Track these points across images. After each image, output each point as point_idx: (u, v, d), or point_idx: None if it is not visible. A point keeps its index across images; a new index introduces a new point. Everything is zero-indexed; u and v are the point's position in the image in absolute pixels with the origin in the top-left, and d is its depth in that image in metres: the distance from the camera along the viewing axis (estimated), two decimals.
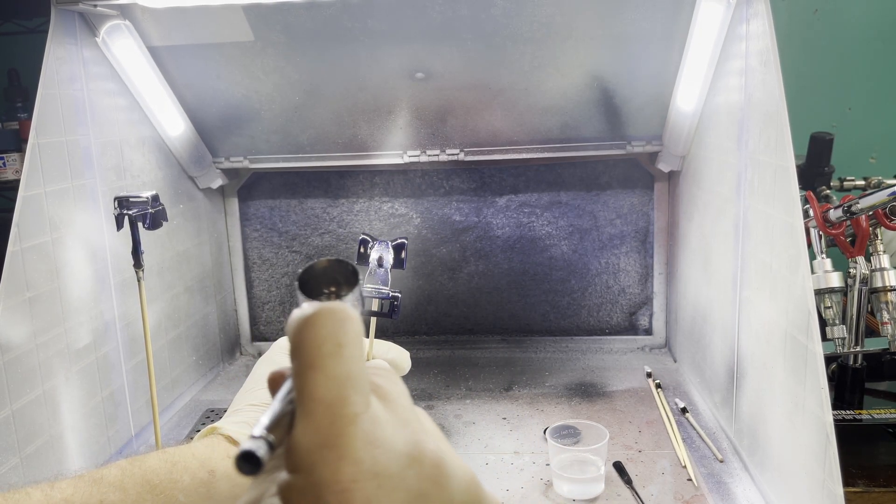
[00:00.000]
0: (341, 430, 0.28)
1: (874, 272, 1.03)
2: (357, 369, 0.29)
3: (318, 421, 0.28)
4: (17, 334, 0.87)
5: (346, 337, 0.29)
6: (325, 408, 0.28)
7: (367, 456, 0.28)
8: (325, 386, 0.28)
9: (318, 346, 0.29)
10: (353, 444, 0.28)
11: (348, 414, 0.28)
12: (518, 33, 1.11)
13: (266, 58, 1.17)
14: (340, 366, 0.29)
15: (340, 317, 0.30)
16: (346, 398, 0.28)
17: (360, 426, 0.28)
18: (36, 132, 0.92)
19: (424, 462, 0.29)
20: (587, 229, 1.49)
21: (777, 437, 0.88)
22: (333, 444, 0.28)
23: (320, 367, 0.29)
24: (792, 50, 1.56)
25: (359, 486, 0.27)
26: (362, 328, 0.31)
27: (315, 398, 0.28)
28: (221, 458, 0.59)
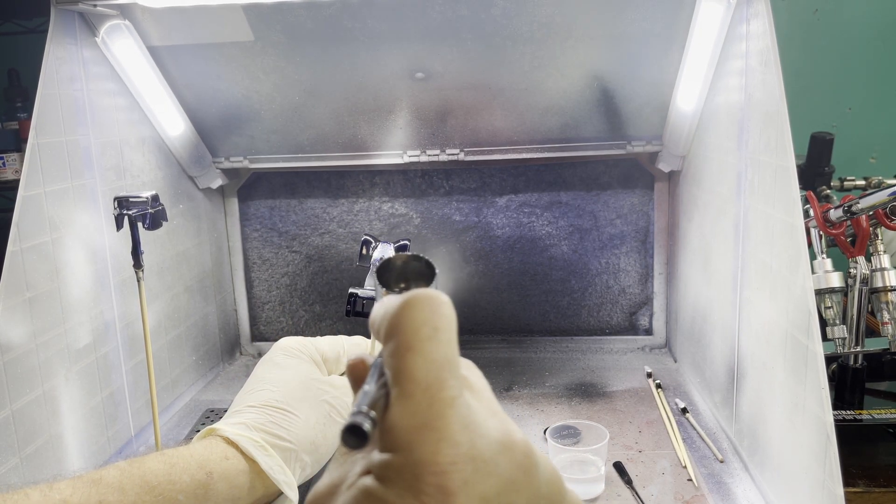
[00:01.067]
0: (440, 412, 0.28)
1: (874, 272, 1.03)
2: (453, 354, 0.30)
3: (417, 402, 0.29)
4: (17, 334, 0.87)
5: (442, 321, 0.31)
6: (424, 390, 0.29)
7: (465, 439, 0.28)
8: (424, 368, 0.29)
9: (417, 330, 0.30)
10: (452, 427, 0.28)
11: (446, 397, 0.29)
12: (518, 33, 1.11)
13: (266, 58, 1.17)
14: (438, 349, 0.30)
15: (437, 302, 0.31)
16: (444, 381, 0.29)
17: (458, 410, 0.29)
18: (36, 132, 0.92)
19: (515, 450, 0.30)
20: (587, 229, 1.49)
21: (777, 438, 0.88)
22: (433, 425, 0.28)
23: (419, 349, 0.29)
24: (792, 50, 1.56)
25: (457, 468, 0.27)
26: (454, 315, 0.32)
27: (414, 380, 0.29)
28: (219, 460, 0.59)
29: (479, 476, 0.28)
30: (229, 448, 0.61)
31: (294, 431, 0.67)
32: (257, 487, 0.63)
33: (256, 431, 0.64)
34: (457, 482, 0.27)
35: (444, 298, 0.32)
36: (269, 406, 0.67)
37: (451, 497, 0.27)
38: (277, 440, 0.65)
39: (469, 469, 0.28)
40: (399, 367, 0.29)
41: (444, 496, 0.27)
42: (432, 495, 0.27)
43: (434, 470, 0.27)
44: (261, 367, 0.75)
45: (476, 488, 0.27)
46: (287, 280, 1.55)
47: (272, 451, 0.64)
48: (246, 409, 0.67)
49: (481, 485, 0.28)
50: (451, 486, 0.27)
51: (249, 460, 0.62)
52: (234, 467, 0.60)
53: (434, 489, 0.27)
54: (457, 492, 0.27)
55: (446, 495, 0.27)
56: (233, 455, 0.61)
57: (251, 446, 0.62)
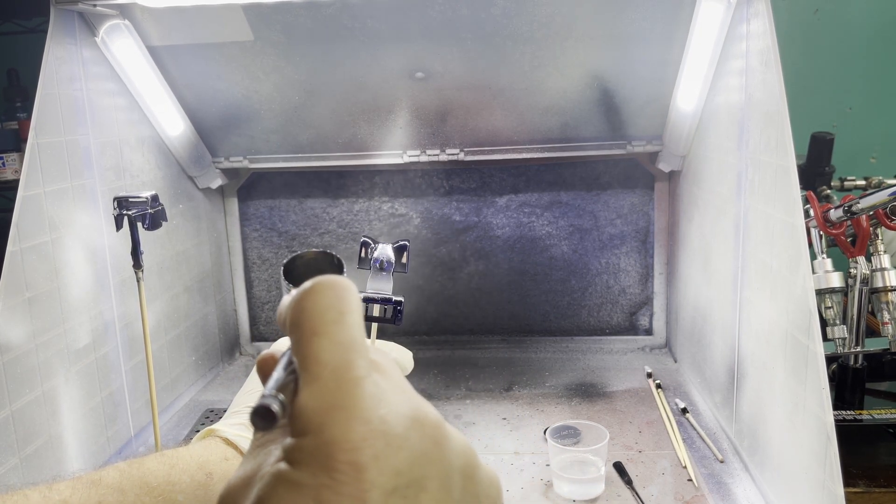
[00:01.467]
0: (349, 391, 0.29)
1: (875, 272, 1.03)
2: (359, 336, 0.31)
3: (325, 383, 0.29)
4: (17, 334, 0.87)
5: (347, 305, 0.31)
6: (332, 371, 0.29)
7: (375, 415, 0.29)
8: (330, 350, 0.30)
9: (321, 314, 0.30)
10: (362, 405, 0.29)
11: (354, 377, 0.29)
12: (518, 33, 1.11)
13: (266, 57, 1.17)
14: (344, 332, 0.30)
15: (341, 286, 0.31)
16: (352, 362, 0.30)
17: (366, 388, 0.29)
18: (35, 132, 0.92)
19: (426, 423, 0.30)
20: (587, 229, 1.49)
21: (777, 438, 0.88)
22: (342, 404, 0.29)
23: (324, 332, 0.30)
24: (792, 50, 1.56)
25: (368, 443, 0.28)
26: (360, 299, 0.32)
27: (321, 362, 0.29)
28: (218, 461, 0.59)
29: (391, 450, 0.28)
30: (228, 449, 0.61)
31: None
32: None
33: None
34: (368, 457, 0.28)
35: (348, 283, 0.32)
36: None
37: (363, 472, 0.27)
38: None
39: (380, 444, 0.28)
40: (306, 352, 0.30)
41: (357, 472, 0.27)
42: (345, 472, 0.27)
43: (346, 447, 0.28)
44: None
45: (388, 462, 0.28)
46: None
47: None
48: (245, 410, 0.67)
49: (393, 458, 0.28)
50: (363, 461, 0.28)
51: None
52: (233, 468, 0.60)
53: (346, 466, 0.27)
54: (369, 466, 0.28)
55: (359, 471, 0.27)
56: (232, 456, 0.61)
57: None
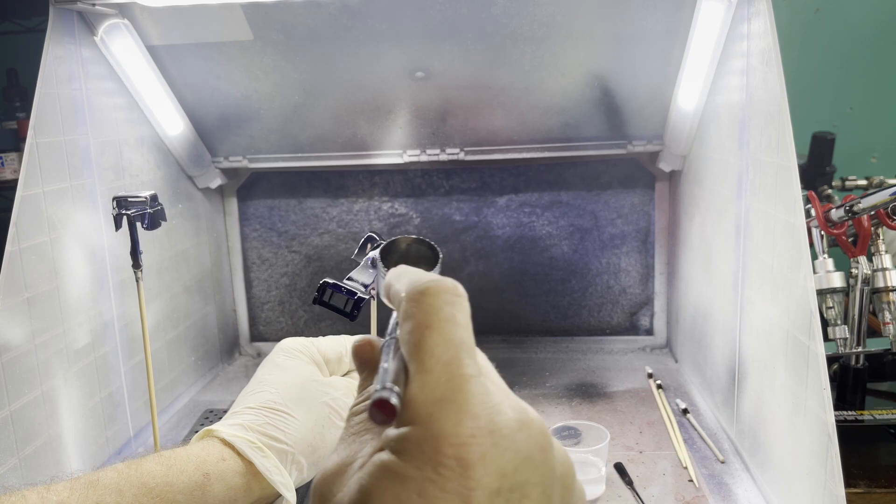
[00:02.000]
0: (460, 386, 0.29)
1: (876, 272, 1.02)
2: (469, 338, 0.31)
3: (436, 377, 0.29)
4: (16, 335, 0.87)
5: (459, 308, 0.32)
6: (444, 365, 0.30)
7: (484, 413, 0.28)
8: (443, 345, 0.30)
9: (437, 311, 0.31)
10: (472, 401, 0.29)
11: (465, 373, 0.30)
12: (518, 32, 1.11)
13: (265, 57, 1.16)
14: (456, 331, 0.31)
15: (457, 292, 0.33)
16: (462, 359, 0.30)
17: (476, 386, 0.29)
18: (34, 132, 0.92)
19: (532, 428, 0.30)
20: (588, 229, 1.48)
21: (778, 438, 0.88)
22: (453, 398, 0.29)
23: (438, 328, 0.31)
24: (793, 49, 1.56)
25: (476, 440, 0.28)
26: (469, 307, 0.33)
27: (434, 355, 0.30)
28: (216, 461, 0.59)
29: (498, 450, 0.28)
30: (226, 449, 0.61)
31: (291, 434, 0.66)
32: (253, 489, 0.63)
33: (253, 433, 0.64)
34: (476, 455, 0.27)
35: (462, 290, 0.33)
36: (267, 408, 0.67)
37: (469, 469, 0.27)
38: (274, 442, 0.65)
39: (488, 442, 0.28)
40: (419, 344, 0.30)
41: (463, 468, 0.27)
42: (451, 467, 0.27)
43: (453, 442, 0.27)
44: (262, 368, 0.75)
45: (494, 462, 0.28)
46: (286, 280, 1.55)
47: (269, 452, 0.64)
48: (244, 411, 0.66)
49: (499, 459, 0.28)
50: (470, 458, 0.27)
51: (246, 461, 0.62)
52: (230, 468, 0.60)
53: (453, 461, 0.27)
54: (475, 464, 0.27)
55: (465, 468, 0.27)
56: (229, 456, 0.60)
57: (247, 447, 0.62)
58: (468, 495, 0.27)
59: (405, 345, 0.31)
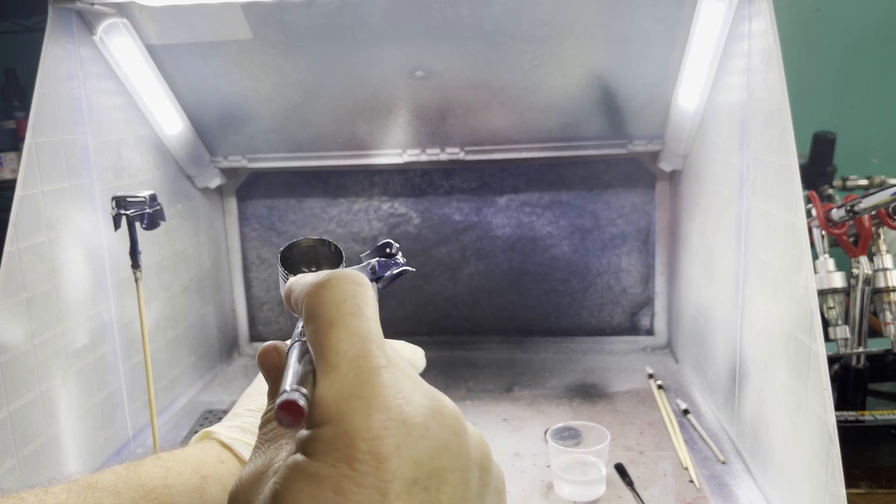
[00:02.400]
0: (368, 380, 0.29)
1: (877, 272, 1.02)
2: (376, 328, 0.31)
3: (344, 373, 0.29)
4: (15, 335, 0.87)
5: (364, 298, 0.31)
6: (350, 361, 0.29)
7: (395, 404, 0.28)
8: (349, 341, 0.30)
9: (339, 306, 0.30)
10: (382, 393, 0.28)
11: (373, 366, 0.29)
12: (519, 32, 1.10)
13: (265, 56, 1.16)
14: (362, 323, 0.30)
15: (357, 280, 0.32)
16: (370, 352, 0.29)
17: (385, 378, 0.29)
18: (33, 131, 0.91)
19: (445, 414, 0.30)
20: (588, 229, 1.48)
21: (779, 439, 0.88)
22: (362, 393, 0.28)
23: (342, 323, 0.30)
24: (794, 48, 1.56)
25: (389, 432, 0.27)
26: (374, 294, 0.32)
27: (339, 352, 0.29)
28: (214, 464, 0.59)
29: (412, 440, 0.28)
30: (224, 451, 0.60)
31: None
32: None
33: (252, 435, 0.64)
34: (390, 446, 0.27)
35: (363, 278, 0.32)
36: None
37: (384, 462, 0.27)
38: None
39: (401, 433, 0.28)
40: (323, 342, 0.30)
41: (378, 461, 0.27)
42: (366, 462, 0.27)
43: (366, 436, 0.27)
44: None
45: (409, 452, 0.27)
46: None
47: None
48: (244, 413, 0.66)
49: (414, 448, 0.28)
50: (384, 450, 0.27)
51: (244, 464, 0.62)
52: (228, 471, 0.59)
53: (367, 455, 0.27)
54: (390, 456, 0.27)
55: (380, 461, 0.27)
56: (227, 459, 0.60)
57: (246, 450, 0.61)
58: (385, 487, 0.27)
59: (311, 344, 0.31)
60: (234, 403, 0.74)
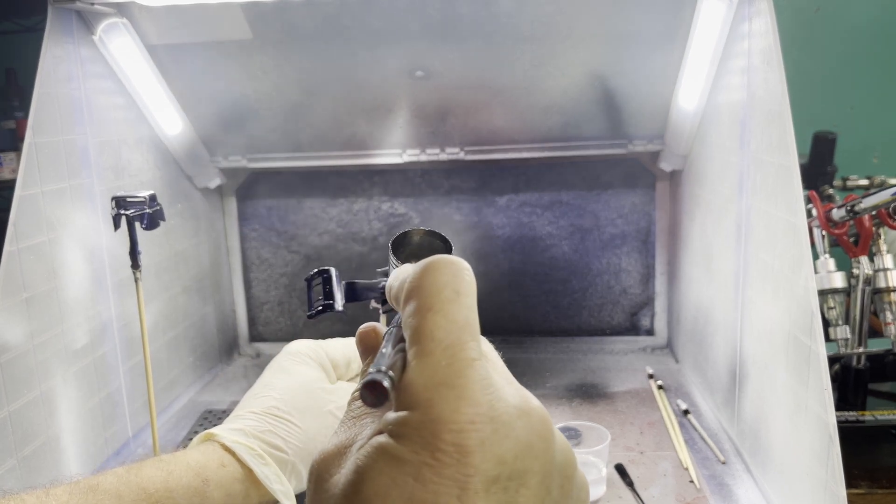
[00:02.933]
0: (460, 370, 0.28)
1: (878, 272, 1.02)
2: (473, 318, 0.30)
3: (436, 360, 0.29)
4: (15, 335, 0.87)
5: (463, 286, 0.31)
6: (444, 349, 0.29)
7: (485, 400, 0.28)
8: (445, 328, 0.29)
9: (439, 291, 0.30)
10: (472, 387, 0.28)
11: (466, 357, 0.29)
12: (519, 32, 1.10)
13: (265, 56, 1.16)
14: (459, 311, 0.30)
15: (459, 266, 0.31)
16: (465, 342, 0.29)
17: (477, 371, 0.29)
18: (32, 131, 0.91)
19: (533, 416, 0.29)
20: (588, 229, 1.48)
21: (779, 439, 0.88)
22: (453, 383, 0.28)
23: (440, 310, 0.30)
24: (794, 48, 1.55)
25: (476, 427, 0.27)
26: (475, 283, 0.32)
27: (434, 339, 0.29)
28: (216, 467, 0.58)
29: (497, 437, 0.27)
30: (226, 455, 0.60)
31: (292, 443, 0.66)
32: (252, 496, 0.62)
33: (254, 439, 0.64)
34: (474, 441, 0.27)
35: (465, 264, 0.32)
36: (270, 414, 0.67)
37: (468, 456, 0.27)
38: (274, 450, 0.64)
39: (487, 429, 0.27)
40: (419, 327, 0.30)
41: (461, 454, 0.27)
42: (449, 453, 0.27)
43: (452, 427, 0.27)
44: (268, 371, 0.74)
45: (493, 449, 0.27)
46: (286, 280, 1.54)
47: (269, 460, 0.63)
48: (247, 415, 0.66)
49: (498, 446, 0.27)
50: (469, 444, 0.27)
51: (246, 468, 0.61)
52: (229, 475, 0.59)
53: (451, 447, 0.27)
54: (474, 451, 0.27)
55: (463, 454, 0.27)
56: (229, 462, 0.60)
57: (247, 454, 0.61)
58: (465, 481, 0.26)
59: (406, 328, 0.31)
60: (234, 403, 0.74)
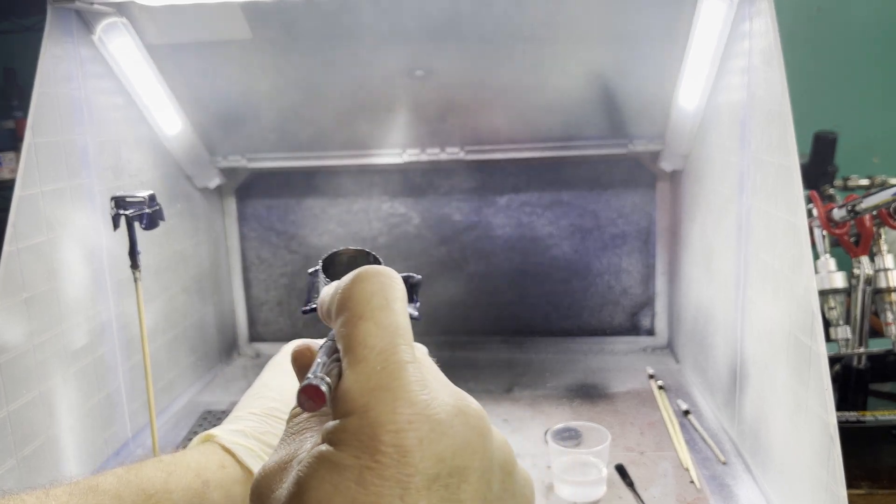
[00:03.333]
0: (395, 373, 0.29)
1: (878, 272, 1.02)
2: (405, 323, 0.31)
3: (371, 366, 0.29)
4: (14, 335, 0.86)
5: (393, 293, 0.31)
6: (378, 354, 0.29)
7: (421, 400, 0.28)
8: (377, 334, 0.30)
9: (368, 299, 0.31)
10: (408, 388, 0.28)
11: (400, 360, 0.29)
12: (519, 31, 1.10)
13: (264, 56, 1.16)
14: (390, 317, 0.30)
15: (387, 275, 0.32)
16: (397, 346, 0.30)
17: (412, 372, 0.29)
18: (32, 131, 0.91)
19: (470, 413, 0.30)
20: (589, 229, 1.48)
21: (780, 439, 0.88)
22: (388, 386, 0.28)
23: (371, 317, 0.30)
24: (795, 48, 1.55)
25: (413, 426, 0.27)
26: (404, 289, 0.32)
27: (367, 345, 0.30)
28: (215, 468, 0.58)
29: (435, 436, 0.28)
30: (226, 456, 0.60)
31: None
32: None
33: (253, 440, 0.63)
34: (413, 440, 0.27)
35: (393, 273, 0.33)
36: (269, 415, 0.67)
37: (407, 455, 0.27)
38: (272, 450, 0.64)
39: (425, 428, 0.28)
40: (351, 335, 0.30)
41: (401, 455, 0.27)
42: (389, 454, 0.27)
43: (390, 429, 0.27)
44: (267, 370, 0.74)
45: (432, 448, 0.27)
46: (285, 280, 1.54)
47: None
48: (247, 416, 0.66)
49: (437, 444, 0.28)
50: (408, 444, 0.27)
51: (245, 469, 0.61)
52: (229, 476, 0.59)
53: (391, 448, 0.27)
54: (413, 450, 0.27)
55: (403, 454, 0.27)
56: (229, 463, 0.60)
57: (247, 455, 0.61)
58: (406, 481, 0.27)
59: (339, 338, 0.31)
60: (234, 404, 0.74)
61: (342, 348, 0.31)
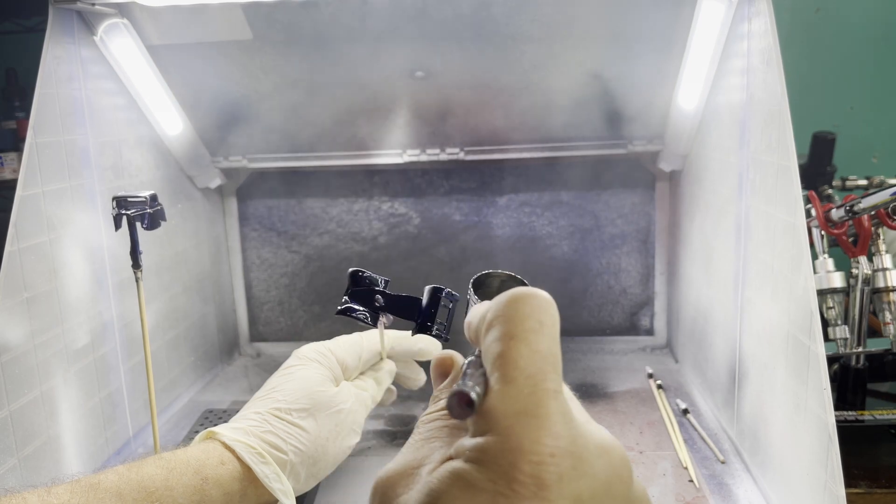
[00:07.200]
0: (542, 400, 0.28)
1: (876, 272, 1.02)
2: (556, 350, 0.30)
3: (519, 388, 0.28)
4: (15, 335, 0.87)
5: (547, 318, 0.31)
6: (527, 377, 0.28)
7: (566, 433, 0.27)
8: (528, 356, 0.29)
9: (522, 320, 0.30)
10: (554, 418, 0.27)
11: (548, 388, 0.28)
12: (519, 32, 1.10)
13: (265, 56, 1.16)
14: (543, 342, 0.30)
15: (544, 299, 0.31)
16: (547, 373, 0.29)
17: (560, 403, 0.28)
18: (33, 132, 0.91)
19: (613, 455, 0.29)
20: (588, 229, 1.48)
21: (779, 439, 0.88)
22: (535, 412, 0.27)
23: (524, 339, 0.29)
24: (794, 49, 1.56)
25: (555, 460, 0.26)
26: (559, 318, 0.32)
27: (517, 367, 0.28)
28: (215, 465, 0.59)
29: (576, 474, 0.26)
30: (226, 453, 0.60)
31: (292, 444, 0.66)
32: (250, 495, 0.62)
33: (254, 438, 0.64)
34: (553, 475, 0.26)
35: (549, 298, 0.32)
36: (272, 415, 0.67)
37: (545, 490, 0.26)
38: (273, 450, 0.65)
39: (567, 464, 0.26)
40: (502, 353, 0.29)
41: (538, 488, 0.26)
42: (526, 485, 0.26)
43: (532, 459, 0.26)
44: (277, 374, 0.75)
45: (571, 485, 0.26)
46: (286, 280, 1.54)
47: (269, 458, 0.63)
48: (250, 416, 0.67)
49: (576, 483, 0.26)
50: (547, 478, 0.26)
51: (245, 467, 0.62)
52: (228, 473, 0.60)
53: (529, 479, 0.26)
54: (552, 485, 0.26)
55: (540, 487, 0.26)
56: (229, 460, 0.60)
57: (246, 452, 0.62)
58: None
59: (488, 354, 0.30)
60: (235, 403, 0.74)
61: (489, 366, 0.29)
